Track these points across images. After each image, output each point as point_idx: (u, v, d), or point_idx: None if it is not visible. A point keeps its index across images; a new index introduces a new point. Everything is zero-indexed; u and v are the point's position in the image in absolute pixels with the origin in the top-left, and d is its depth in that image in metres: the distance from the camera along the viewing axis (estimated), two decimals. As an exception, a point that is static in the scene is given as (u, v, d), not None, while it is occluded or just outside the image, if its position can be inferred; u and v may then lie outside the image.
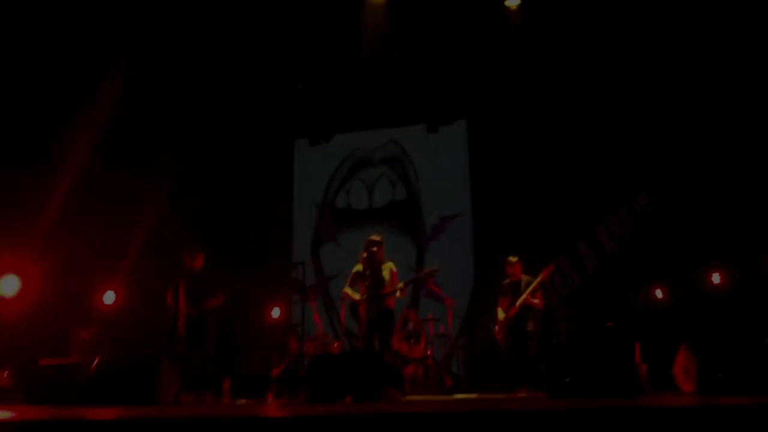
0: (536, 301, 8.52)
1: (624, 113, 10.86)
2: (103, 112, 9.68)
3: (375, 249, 7.83)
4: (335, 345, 9.91)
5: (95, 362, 7.16)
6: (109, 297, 10.06)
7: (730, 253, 9.73)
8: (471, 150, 12.17)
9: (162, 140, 10.86)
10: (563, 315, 9.37)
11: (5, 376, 8.25)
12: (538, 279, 8.49)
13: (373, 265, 7.81)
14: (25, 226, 9.41)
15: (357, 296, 7.84)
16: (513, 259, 8.77)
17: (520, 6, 10.47)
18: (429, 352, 9.82)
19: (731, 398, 4.43)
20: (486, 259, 11.41)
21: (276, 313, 11.31)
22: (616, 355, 6.39)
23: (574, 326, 9.01)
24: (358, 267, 7.92)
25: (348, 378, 6.62)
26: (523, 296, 8.46)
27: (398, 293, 7.69)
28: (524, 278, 8.66)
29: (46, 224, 9.53)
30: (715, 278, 9.93)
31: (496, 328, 8.74)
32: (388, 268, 7.85)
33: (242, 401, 8.10)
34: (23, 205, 9.51)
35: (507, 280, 8.77)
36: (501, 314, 8.66)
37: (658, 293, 10.18)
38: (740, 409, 3.35)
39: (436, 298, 10.49)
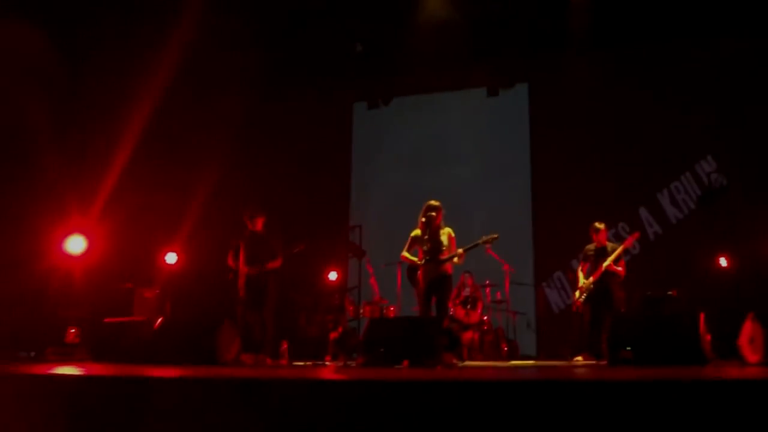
0: (619, 268, 8.41)
1: (690, 74, 10.54)
2: (163, 77, 9.78)
3: (434, 214, 7.77)
4: (392, 309, 9.93)
5: (158, 321, 7.32)
6: (171, 257, 10.25)
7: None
8: (532, 113, 11.94)
9: (222, 102, 10.96)
10: (623, 283, 9.20)
11: (73, 333, 8.53)
12: (623, 245, 8.39)
13: (432, 230, 7.76)
14: (91, 187, 9.64)
15: (416, 260, 7.81)
16: (600, 225, 8.64)
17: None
18: (486, 318, 9.78)
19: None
20: (545, 225, 11.27)
21: (333, 276, 11.38)
22: (680, 324, 6.26)
23: (635, 294, 8.83)
24: (416, 231, 7.88)
25: (405, 342, 6.63)
26: (608, 261, 8.34)
27: (457, 259, 7.63)
28: (609, 245, 8.56)
29: (112, 185, 9.74)
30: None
31: (577, 293, 8.64)
32: (446, 233, 7.79)
33: (300, 363, 8.20)
34: (89, 166, 9.72)
35: (591, 246, 8.66)
36: (582, 279, 8.57)
37: (723, 261, 9.89)
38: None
39: (493, 263, 10.42)
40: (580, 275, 8.63)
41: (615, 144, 10.92)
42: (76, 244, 9.24)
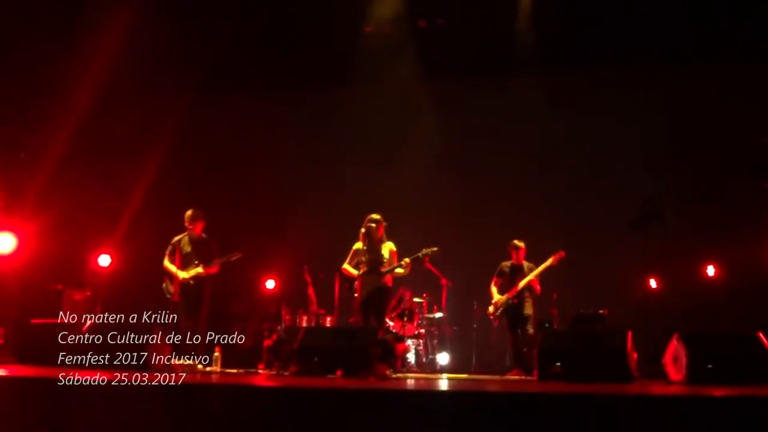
0: (538, 286, 8.60)
1: (623, 99, 10.83)
2: (99, 76, 9.59)
3: (374, 225, 7.83)
4: (328, 319, 9.91)
5: (87, 324, 7.16)
6: (104, 260, 10.04)
7: (725, 247, 9.75)
8: (467, 126, 11.97)
9: (159, 103, 10.79)
10: (556, 300, 9.39)
11: (-1, 333, 8.28)
12: (548, 263, 8.58)
13: (372, 242, 7.82)
14: (22, 185, 9.39)
15: (356, 273, 7.87)
16: (519, 243, 8.82)
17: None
18: (422, 331, 9.83)
19: (719, 389, 4.43)
20: (480, 242, 11.35)
21: (271, 284, 11.30)
22: (608, 342, 6.40)
23: (566, 312, 9.02)
24: (358, 244, 7.94)
25: (339, 352, 6.62)
26: (529, 277, 8.56)
27: (402, 269, 7.72)
28: (526, 264, 8.74)
29: (43, 183, 9.50)
30: (710, 270, 9.93)
31: (491, 308, 8.77)
32: (388, 247, 7.87)
33: (233, 370, 8.12)
34: (20, 164, 9.48)
35: (507, 263, 8.82)
36: (497, 295, 8.69)
37: (653, 283, 10.18)
38: (726, 400, 3.35)
39: (431, 277, 10.47)
40: (494, 290, 8.77)
41: (546, 163, 11.13)
42: (4, 243, 8.98)
